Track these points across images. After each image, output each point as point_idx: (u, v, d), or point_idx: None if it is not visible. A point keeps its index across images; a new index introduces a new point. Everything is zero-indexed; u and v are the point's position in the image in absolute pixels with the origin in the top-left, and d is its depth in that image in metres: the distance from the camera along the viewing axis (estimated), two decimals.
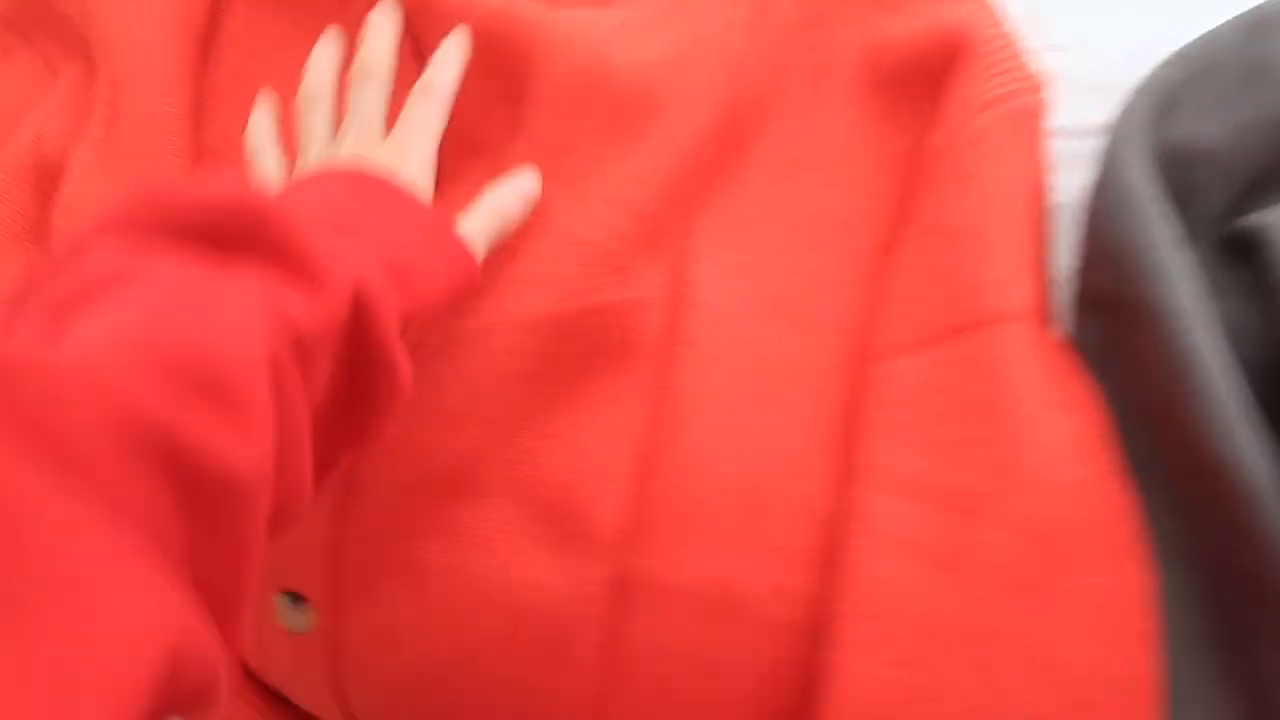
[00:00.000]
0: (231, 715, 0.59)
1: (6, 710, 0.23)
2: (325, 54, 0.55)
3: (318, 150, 0.52)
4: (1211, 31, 0.50)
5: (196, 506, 0.30)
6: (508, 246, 0.53)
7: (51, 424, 0.27)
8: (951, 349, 0.47)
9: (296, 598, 0.55)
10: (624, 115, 0.53)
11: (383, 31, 0.54)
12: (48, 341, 0.31)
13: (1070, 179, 0.49)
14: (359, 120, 0.52)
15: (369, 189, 0.47)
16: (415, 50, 0.57)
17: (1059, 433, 0.45)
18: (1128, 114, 0.48)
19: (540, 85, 0.54)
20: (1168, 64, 0.49)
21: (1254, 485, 0.41)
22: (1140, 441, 0.45)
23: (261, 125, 0.56)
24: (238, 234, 0.37)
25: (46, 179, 0.62)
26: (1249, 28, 0.50)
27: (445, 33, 0.55)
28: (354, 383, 0.41)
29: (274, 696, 0.60)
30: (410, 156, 0.50)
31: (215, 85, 0.62)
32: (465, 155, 0.56)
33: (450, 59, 0.54)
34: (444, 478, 0.52)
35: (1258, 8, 0.51)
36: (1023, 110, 0.49)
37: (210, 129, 0.61)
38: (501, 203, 0.51)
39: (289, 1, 0.62)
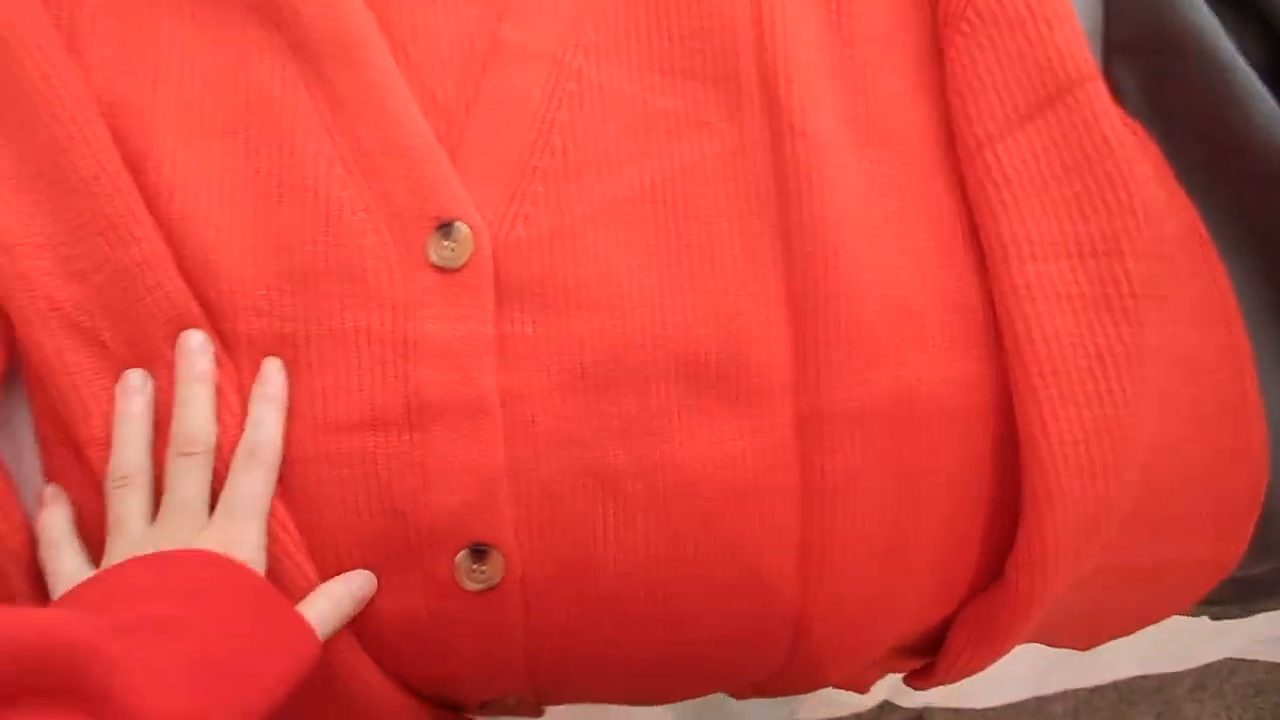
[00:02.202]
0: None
1: None
2: (134, 421, 0.44)
3: (130, 540, 0.43)
4: None
5: None
6: (576, 127, 0.47)
7: None
8: (1047, 119, 0.48)
9: (478, 553, 0.46)
10: None
11: (198, 399, 0.44)
12: None
13: None
14: (179, 504, 0.43)
15: (195, 576, 0.40)
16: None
17: (1146, 166, 0.48)
18: None
19: None
20: None
21: None
22: (1186, 158, 0.50)
23: (56, 523, 0.45)
24: (46, 686, 0.31)
25: None
26: None
27: None
28: None
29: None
30: (242, 539, 0.43)
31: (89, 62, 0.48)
32: None
33: (269, 413, 0.45)
34: (602, 369, 0.46)
35: None
36: None
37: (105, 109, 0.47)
38: (339, 597, 0.45)
39: None
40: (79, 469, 0.47)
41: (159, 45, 0.48)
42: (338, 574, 0.47)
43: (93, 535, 0.46)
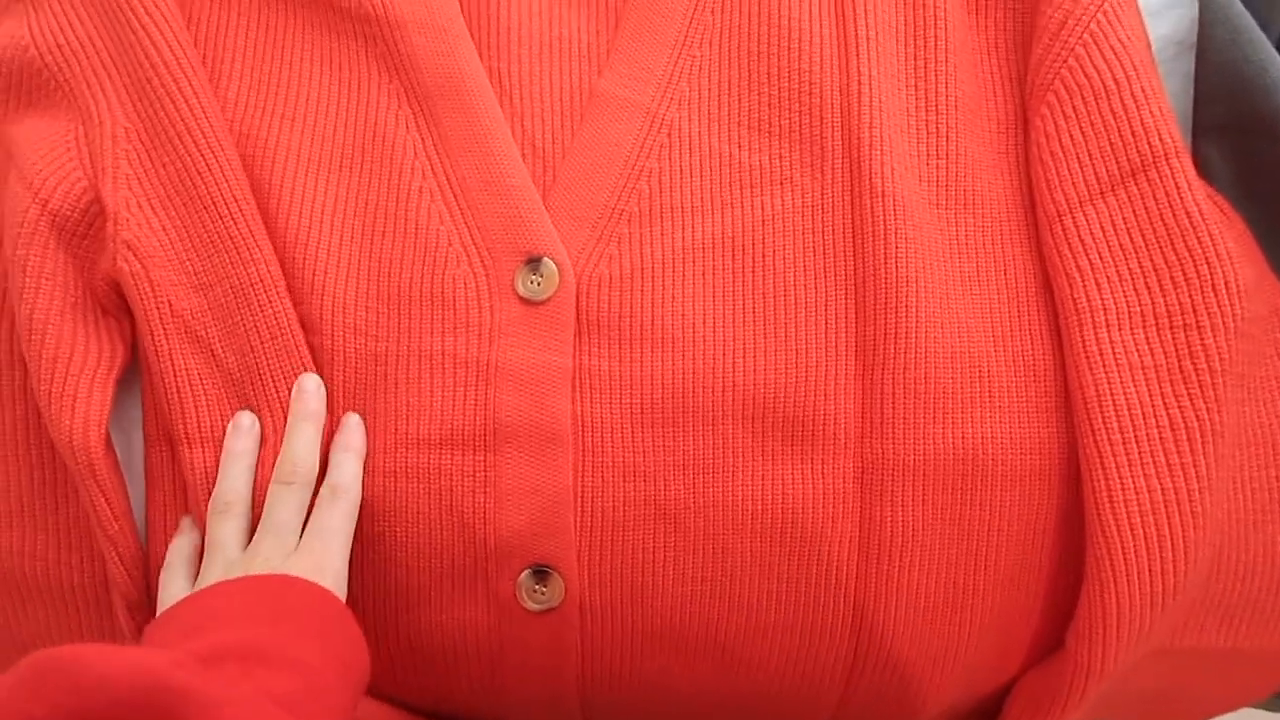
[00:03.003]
0: None
1: None
2: (240, 457, 0.47)
3: (225, 562, 0.44)
4: None
5: None
6: (664, 175, 0.49)
7: None
8: (1129, 190, 0.47)
9: (540, 573, 0.47)
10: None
11: (305, 435, 0.46)
12: None
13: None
14: (273, 527, 0.45)
15: (282, 601, 0.41)
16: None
17: (1230, 244, 0.47)
18: None
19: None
20: None
21: None
22: (1277, 239, 0.48)
23: (180, 548, 0.47)
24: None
25: (74, 235, 0.49)
26: None
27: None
28: None
29: None
30: (326, 565, 0.44)
31: (228, 97, 0.51)
32: None
33: (349, 461, 0.46)
34: (672, 405, 0.47)
35: None
36: None
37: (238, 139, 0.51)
38: None
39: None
40: (173, 466, 0.49)
41: (291, 84, 0.51)
42: (406, 586, 0.48)
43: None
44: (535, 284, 0.48)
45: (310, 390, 0.47)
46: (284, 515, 0.45)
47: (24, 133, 0.50)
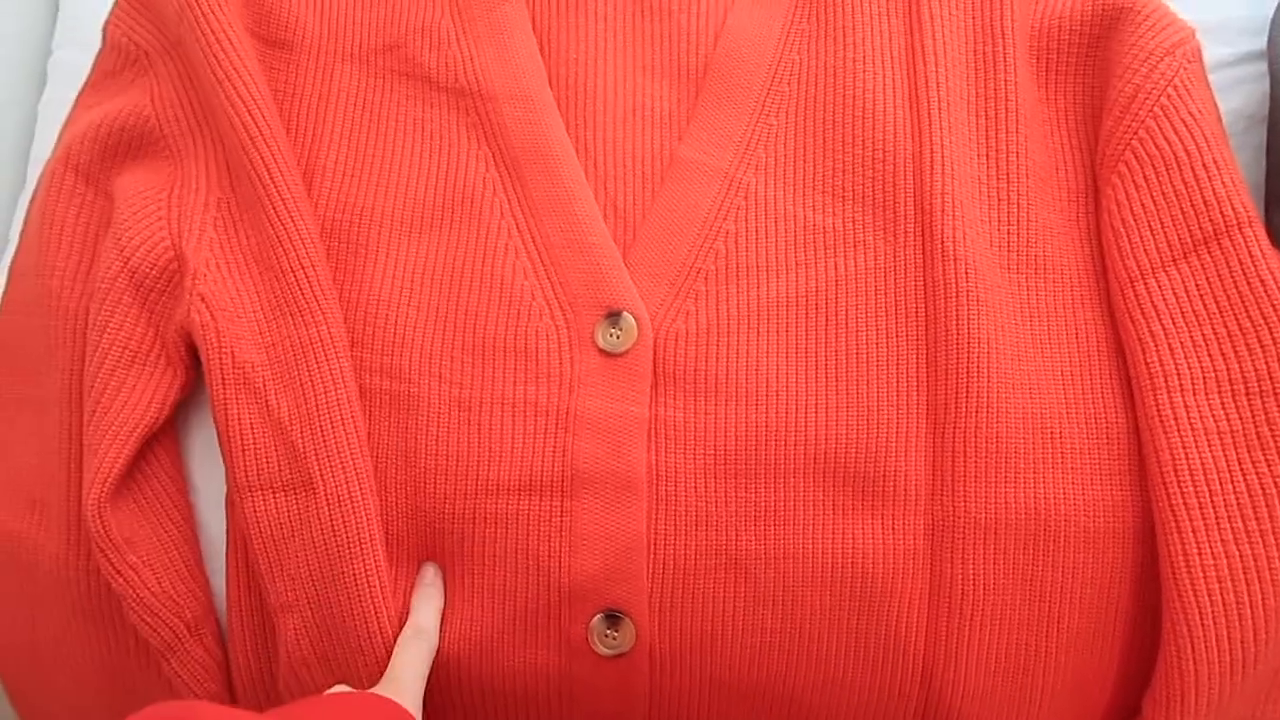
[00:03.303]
0: None
1: None
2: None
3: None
4: None
5: None
6: (740, 236, 0.50)
7: None
8: (1201, 258, 0.48)
9: (612, 619, 0.48)
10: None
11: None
12: None
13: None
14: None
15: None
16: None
17: None
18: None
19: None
20: None
21: None
22: None
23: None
24: None
25: (151, 291, 0.52)
26: None
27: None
28: None
29: None
30: (405, 691, 0.45)
31: (326, 167, 0.54)
32: None
33: (429, 610, 0.49)
34: (745, 457, 0.48)
35: None
36: (1192, 52, 0.50)
37: (328, 204, 0.53)
38: None
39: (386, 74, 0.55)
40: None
41: (385, 154, 0.54)
42: (480, 628, 0.48)
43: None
44: (614, 337, 0.49)
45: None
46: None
47: (126, 184, 0.54)
